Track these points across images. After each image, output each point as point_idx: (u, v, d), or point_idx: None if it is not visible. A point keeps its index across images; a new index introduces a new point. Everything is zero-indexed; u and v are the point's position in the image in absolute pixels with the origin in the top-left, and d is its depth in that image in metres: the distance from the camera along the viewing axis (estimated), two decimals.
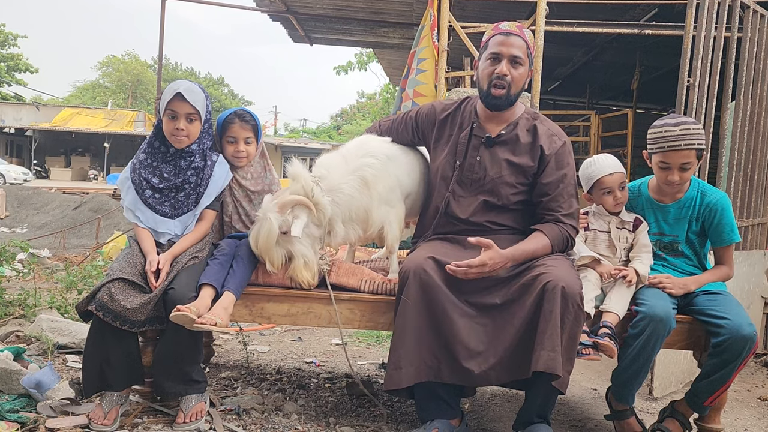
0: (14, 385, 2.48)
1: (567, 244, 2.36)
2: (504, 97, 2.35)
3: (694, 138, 2.34)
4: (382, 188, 2.43)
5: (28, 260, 5.75)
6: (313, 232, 2.40)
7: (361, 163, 2.42)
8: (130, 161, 2.55)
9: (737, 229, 2.48)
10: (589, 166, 2.52)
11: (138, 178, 2.48)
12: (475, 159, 2.43)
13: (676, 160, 2.36)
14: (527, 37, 2.39)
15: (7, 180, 22.81)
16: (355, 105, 38.17)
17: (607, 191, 2.47)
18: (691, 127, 2.34)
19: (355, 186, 2.40)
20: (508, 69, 2.32)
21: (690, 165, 2.37)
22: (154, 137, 2.51)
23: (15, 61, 33.59)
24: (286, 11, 7.04)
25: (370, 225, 2.45)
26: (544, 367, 2.02)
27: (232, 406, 2.55)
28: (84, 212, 11.40)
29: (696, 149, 2.34)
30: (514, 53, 2.32)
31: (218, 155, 2.58)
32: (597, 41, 6.98)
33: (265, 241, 2.31)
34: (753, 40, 3.71)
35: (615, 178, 2.46)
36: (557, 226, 2.33)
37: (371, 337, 4.08)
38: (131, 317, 2.23)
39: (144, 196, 2.47)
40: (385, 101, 16.82)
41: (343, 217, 2.42)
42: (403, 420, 2.57)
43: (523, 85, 2.42)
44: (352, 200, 2.40)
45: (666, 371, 3.21)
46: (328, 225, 2.40)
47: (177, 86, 2.42)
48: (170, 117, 2.43)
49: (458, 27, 4.48)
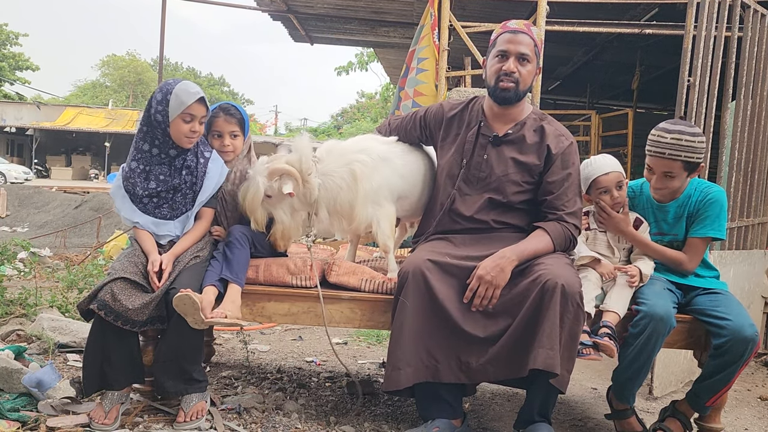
0: (15, 384, 2.48)
1: (569, 243, 2.36)
2: (512, 90, 2.36)
3: (682, 150, 2.31)
4: (369, 186, 2.44)
5: (29, 259, 5.75)
6: (296, 206, 2.44)
7: (354, 158, 2.45)
8: (120, 171, 2.50)
9: (724, 228, 2.43)
10: (587, 166, 2.52)
11: (132, 188, 2.45)
12: (481, 157, 2.44)
13: (658, 167, 2.38)
14: (535, 35, 2.40)
15: (8, 179, 22.83)
16: (356, 105, 38.17)
17: (603, 191, 2.47)
18: (684, 138, 2.31)
19: (344, 178, 2.43)
20: (516, 66, 2.34)
21: (674, 174, 2.36)
22: (143, 141, 2.45)
23: (16, 60, 33.59)
24: (287, 11, 7.04)
25: (353, 219, 2.46)
26: (542, 365, 2.02)
27: (232, 405, 2.56)
28: (85, 211, 11.41)
29: (682, 161, 2.33)
30: (522, 50, 2.34)
31: (212, 151, 2.56)
32: (597, 41, 6.98)
33: (251, 201, 2.40)
34: (753, 39, 3.71)
35: (611, 177, 2.45)
36: (560, 224, 2.33)
37: (371, 336, 4.08)
38: (133, 317, 2.23)
39: (141, 203, 2.45)
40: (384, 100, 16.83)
41: (328, 206, 2.46)
42: (403, 419, 2.58)
43: (531, 83, 2.43)
44: (339, 191, 2.43)
45: (666, 371, 3.21)
46: (314, 207, 2.45)
47: (198, 93, 2.44)
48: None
49: (459, 26, 4.48)
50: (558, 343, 2.05)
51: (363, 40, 8.75)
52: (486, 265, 2.20)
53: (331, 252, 3.16)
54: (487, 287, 2.18)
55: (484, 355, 2.15)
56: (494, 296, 2.19)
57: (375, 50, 10.27)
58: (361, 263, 2.70)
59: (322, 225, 2.51)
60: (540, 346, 2.04)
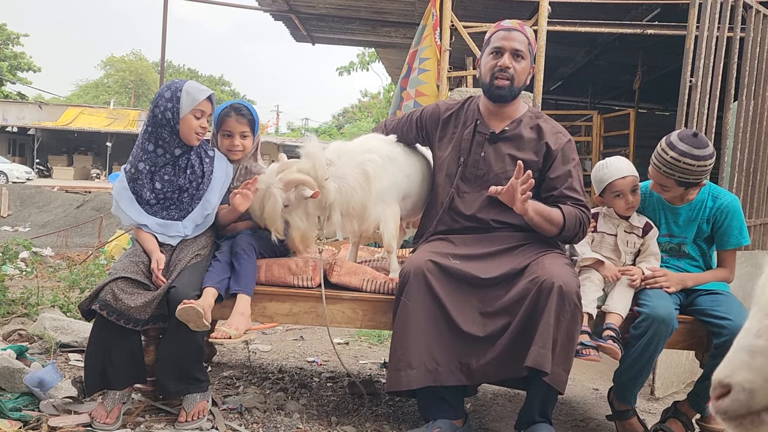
0: (17, 384, 2.48)
1: (580, 226, 2.33)
2: (507, 88, 2.36)
3: (678, 170, 2.29)
4: (380, 185, 2.44)
5: (31, 259, 5.75)
6: (312, 211, 2.42)
7: (365, 158, 2.44)
8: (122, 173, 2.49)
9: (747, 232, 2.45)
10: (602, 168, 2.49)
11: (140, 189, 2.44)
12: (479, 155, 2.44)
13: (653, 177, 2.40)
14: (528, 34, 2.41)
15: (10, 179, 22.84)
16: (357, 104, 38.19)
17: (618, 194, 2.44)
18: (683, 160, 2.27)
19: (358, 179, 2.42)
20: (511, 62, 2.35)
21: (668, 188, 2.37)
22: (148, 142, 2.44)
23: (18, 60, 33.63)
24: (289, 10, 7.04)
25: (365, 220, 2.46)
26: (532, 363, 2.02)
27: (234, 405, 2.56)
28: (86, 211, 11.43)
29: (675, 180, 2.32)
30: (516, 47, 2.35)
31: (214, 150, 2.58)
32: (599, 41, 6.97)
33: (270, 214, 2.37)
34: (756, 39, 3.71)
35: (627, 181, 2.42)
36: (573, 207, 2.33)
37: (373, 336, 4.08)
38: (135, 315, 2.24)
39: (148, 205, 2.44)
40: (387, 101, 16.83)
41: (342, 208, 2.44)
42: (405, 420, 2.58)
43: (525, 80, 2.43)
44: (353, 193, 2.42)
45: (668, 371, 3.21)
46: (328, 210, 2.43)
47: (207, 90, 2.47)
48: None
49: (460, 26, 4.48)
50: (550, 342, 2.05)
51: (364, 40, 8.75)
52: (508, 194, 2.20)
53: (333, 252, 3.16)
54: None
55: (483, 356, 2.15)
56: None
57: (376, 50, 10.27)
58: (363, 263, 2.70)
59: (333, 227, 2.50)
60: (534, 344, 2.05)
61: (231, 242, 2.53)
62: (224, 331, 2.20)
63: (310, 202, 2.37)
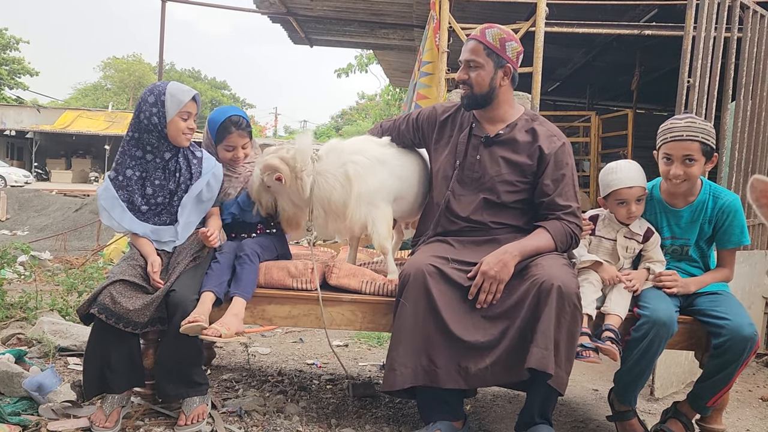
0: (16, 388, 2.48)
1: (571, 241, 2.36)
2: (467, 96, 2.45)
3: (698, 131, 2.31)
4: (364, 187, 2.46)
5: (30, 263, 5.75)
6: (294, 199, 2.51)
7: (349, 159, 2.48)
8: (107, 180, 2.47)
9: (747, 232, 2.45)
10: (611, 173, 2.45)
11: (130, 196, 2.43)
12: (474, 158, 2.46)
13: (678, 152, 2.32)
14: (488, 38, 2.40)
15: (8, 182, 22.83)
16: (356, 106, 38.19)
17: (622, 202, 2.42)
18: (697, 121, 2.34)
19: (339, 178, 2.47)
20: (466, 73, 2.44)
21: (694, 158, 2.31)
22: (135, 148, 2.44)
23: (16, 65, 33.63)
24: (286, 13, 7.05)
25: (347, 218, 2.48)
26: (535, 364, 2.02)
27: (233, 407, 2.56)
28: (85, 214, 11.40)
29: (700, 142, 2.30)
30: (467, 57, 2.44)
31: (202, 151, 2.58)
32: (597, 42, 6.98)
33: (251, 189, 2.58)
34: (753, 40, 3.72)
35: (634, 191, 2.40)
36: (560, 222, 2.34)
37: (372, 338, 4.08)
38: (134, 318, 2.23)
39: (140, 212, 2.44)
40: (385, 103, 16.80)
41: (322, 204, 2.50)
42: (404, 421, 2.57)
43: (492, 84, 2.42)
44: (333, 190, 2.47)
45: (667, 372, 3.21)
46: (310, 204, 2.50)
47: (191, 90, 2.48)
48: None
49: (458, 28, 4.48)
50: (552, 342, 2.04)
51: (362, 42, 8.75)
52: (489, 261, 2.21)
53: (332, 254, 3.16)
54: (491, 282, 2.19)
55: (482, 362, 2.14)
56: (498, 291, 2.19)
57: (374, 52, 10.26)
58: (362, 266, 2.70)
59: (319, 222, 2.54)
60: (535, 345, 2.05)
61: (235, 245, 2.55)
62: (216, 329, 2.21)
63: (292, 190, 2.47)
